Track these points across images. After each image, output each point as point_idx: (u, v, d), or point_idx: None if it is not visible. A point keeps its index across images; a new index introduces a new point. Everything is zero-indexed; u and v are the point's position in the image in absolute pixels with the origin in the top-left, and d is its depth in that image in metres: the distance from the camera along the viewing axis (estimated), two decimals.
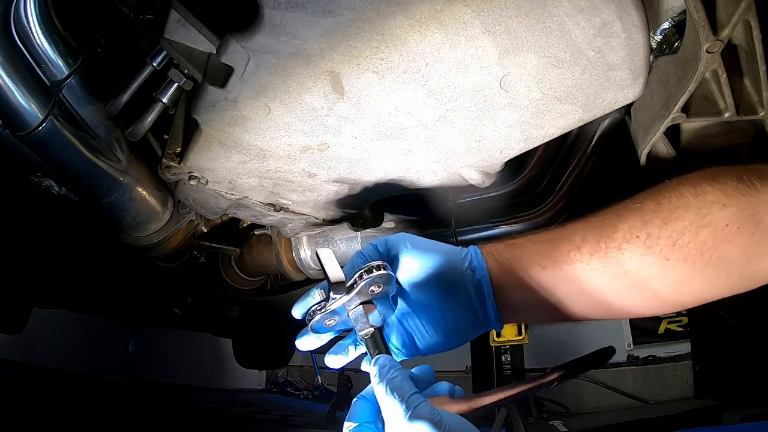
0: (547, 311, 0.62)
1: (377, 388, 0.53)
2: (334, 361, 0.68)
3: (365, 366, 0.61)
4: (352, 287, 0.60)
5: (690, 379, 2.79)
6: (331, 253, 0.64)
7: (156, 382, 3.75)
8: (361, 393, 0.59)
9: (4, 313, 1.99)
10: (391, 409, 0.50)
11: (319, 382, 4.80)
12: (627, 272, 0.56)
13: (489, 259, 0.63)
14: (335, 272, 0.62)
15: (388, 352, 0.60)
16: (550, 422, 2.78)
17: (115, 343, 3.53)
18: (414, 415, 0.48)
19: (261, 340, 3.56)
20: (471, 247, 0.65)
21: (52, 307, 2.53)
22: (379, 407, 0.53)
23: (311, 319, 0.62)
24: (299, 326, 0.66)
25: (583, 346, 3.43)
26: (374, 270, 0.59)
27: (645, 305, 0.60)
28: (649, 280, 0.56)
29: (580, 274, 0.58)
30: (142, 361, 3.66)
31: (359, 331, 0.62)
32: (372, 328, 0.62)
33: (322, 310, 0.61)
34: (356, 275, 0.60)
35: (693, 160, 0.85)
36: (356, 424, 0.55)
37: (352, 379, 3.42)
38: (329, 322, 0.63)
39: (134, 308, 2.61)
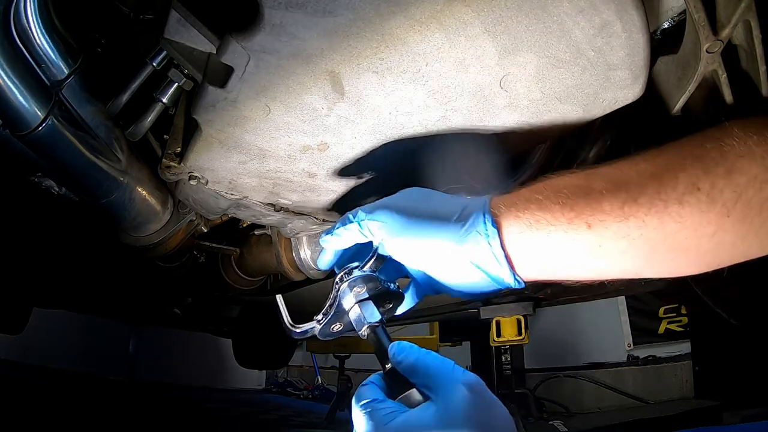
0: (576, 273, 0.53)
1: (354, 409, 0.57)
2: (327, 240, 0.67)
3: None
4: (332, 305, 0.65)
5: (690, 379, 2.79)
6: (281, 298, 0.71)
7: (156, 382, 3.75)
8: (368, 379, 0.60)
9: (4, 313, 1.99)
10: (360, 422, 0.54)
11: (319, 382, 4.80)
12: (682, 230, 0.47)
13: (508, 228, 0.52)
14: (286, 318, 0.71)
15: (389, 340, 0.61)
16: (550, 422, 2.78)
17: (115, 343, 3.53)
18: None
19: (261, 340, 3.56)
20: (477, 216, 0.53)
21: (52, 307, 2.53)
22: (386, 388, 0.57)
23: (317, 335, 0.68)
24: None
25: (584, 346, 3.44)
26: (343, 280, 0.63)
27: (685, 267, 0.52)
28: (702, 238, 0.48)
29: (630, 233, 0.48)
30: (142, 361, 3.66)
31: (359, 332, 0.64)
32: (368, 327, 0.63)
33: (320, 329, 0.67)
34: (334, 287, 0.63)
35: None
36: (367, 400, 0.56)
37: (352, 379, 3.42)
38: (336, 328, 0.67)
39: (134, 308, 2.61)
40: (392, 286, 0.66)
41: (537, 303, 2.66)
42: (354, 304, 0.64)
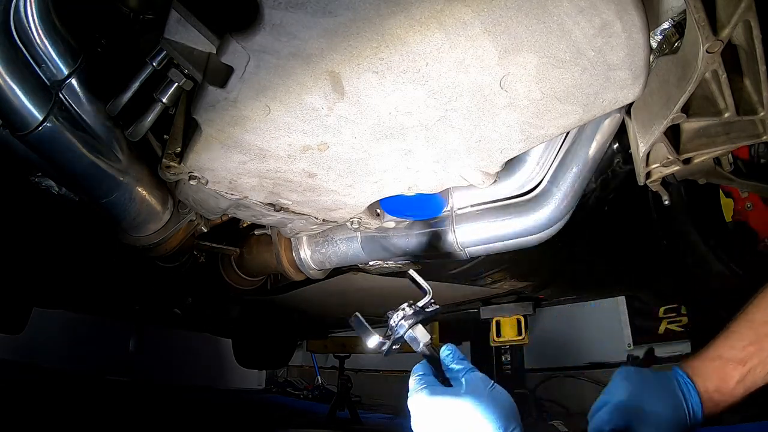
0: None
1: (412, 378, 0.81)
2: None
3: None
4: (389, 336, 0.89)
5: None
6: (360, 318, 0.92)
7: (156, 382, 3.75)
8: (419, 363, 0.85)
9: (4, 313, 1.99)
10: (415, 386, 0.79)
11: (319, 382, 4.80)
12: None
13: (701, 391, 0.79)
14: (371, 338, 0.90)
15: (437, 354, 0.85)
16: (550, 422, 2.78)
17: (115, 343, 3.53)
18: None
19: (261, 340, 3.56)
20: (691, 400, 0.78)
21: (52, 307, 2.53)
22: (433, 368, 0.83)
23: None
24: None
25: (584, 346, 3.43)
26: (397, 314, 0.88)
27: None
28: None
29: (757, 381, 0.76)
30: (143, 361, 3.65)
31: (417, 349, 0.87)
32: (423, 345, 0.86)
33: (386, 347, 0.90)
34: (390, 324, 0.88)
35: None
36: (422, 373, 0.81)
37: (351, 379, 3.42)
38: (395, 347, 0.90)
39: (134, 308, 2.61)
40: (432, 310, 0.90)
41: (537, 303, 2.66)
42: (408, 330, 0.87)
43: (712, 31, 0.69)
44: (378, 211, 1.29)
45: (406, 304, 0.90)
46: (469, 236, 1.27)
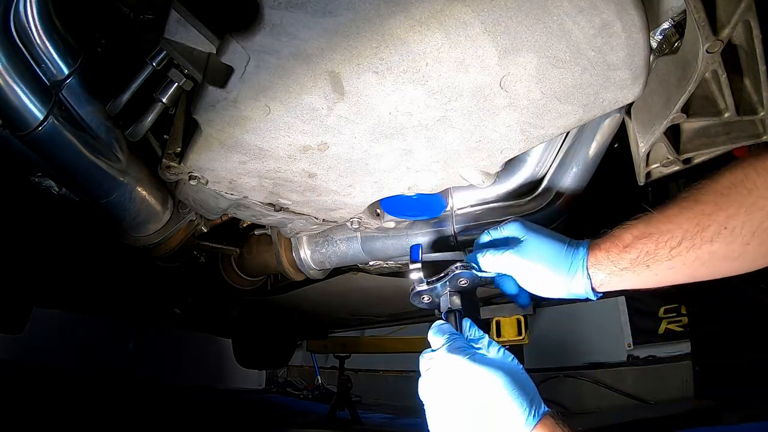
0: (637, 288, 0.78)
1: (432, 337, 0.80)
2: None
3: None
4: (440, 279, 0.88)
5: (690, 379, 2.78)
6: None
7: (156, 382, 3.75)
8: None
9: (4, 313, 1.99)
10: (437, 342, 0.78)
11: (319, 382, 4.80)
12: (713, 257, 0.70)
13: (595, 276, 0.78)
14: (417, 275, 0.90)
15: (458, 327, 0.83)
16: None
17: (115, 343, 3.53)
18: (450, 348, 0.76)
19: (261, 340, 3.56)
20: (582, 249, 0.80)
21: (52, 307, 2.53)
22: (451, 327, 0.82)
23: (413, 292, 0.91)
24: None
25: (584, 346, 3.43)
26: (459, 268, 0.86)
27: (721, 274, 0.74)
28: (728, 260, 0.70)
29: (675, 265, 0.72)
30: (143, 361, 3.65)
31: (441, 311, 0.88)
32: (450, 311, 0.86)
33: (419, 289, 0.90)
34: (448, 270, 0.87)
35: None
36: (452, 332, 0.80)
37: (352, 379, 3.41)
38: (425, 299, 0.91)
39: (135, 308, 2.61)
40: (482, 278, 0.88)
41: (537, 303, 2.66)
42: (448, 291, 0.88)
43: (712, 31, 0.69)
44: (378, 211, 1.29)
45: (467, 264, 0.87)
46: (469, 236, 1.27)
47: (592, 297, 0.80)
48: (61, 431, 2.06)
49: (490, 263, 0.84)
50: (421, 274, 0.89)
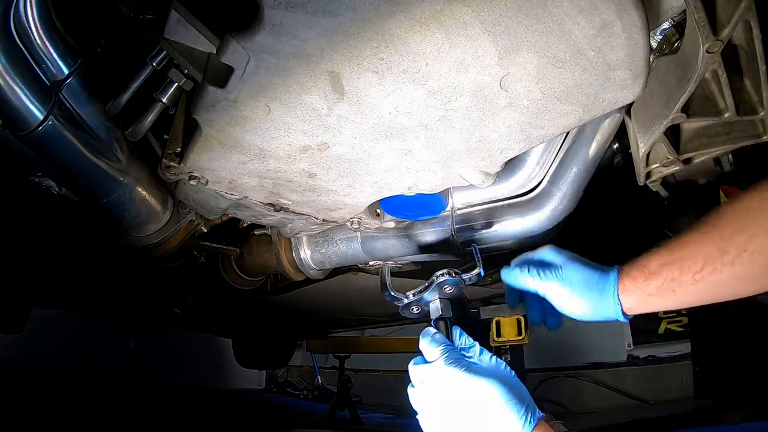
0: (666, 308, 0.82)
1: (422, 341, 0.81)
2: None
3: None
4: (425, 289, 0.88)
5: (690, 379, 2.79)
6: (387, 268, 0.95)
7: (156, 382, 3.75)
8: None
9: (4, 313, 1.99)
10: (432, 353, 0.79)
11: (319, 382, 4.80)
12: (735, 280, 0.72)
13: (625, 302, 0.81)
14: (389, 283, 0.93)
15: (449, 335, 0.82)
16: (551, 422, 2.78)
17: (115, 343, 3.53)
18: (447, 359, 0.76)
19: (261, 340, 3.56)
20: (612, 276, 0.82)
21: (52, 307, 2.53)
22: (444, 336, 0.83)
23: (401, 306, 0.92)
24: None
25: (584, 346, 3.43)
26: (443, 276, 0.87)
27: (739, 294, 0.76)
28: (749, 281, 0.72)
29: (699, 289, 0.75)
30: (143, 361, 3.65)
31: (432, 317, 0.87)
32: (441, 319, 0.85)
33: (407, 302, 0.91)
34: (432, 279, 0.87)
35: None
36: (444, 342, 0.80)
37: (351, 379, 3.42)
38: (414, 310, 0.92)
39: (135, 308, 2.61)
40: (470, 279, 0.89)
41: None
42: (437, 298, 0.88)
43: (712, 31, 0.69)
44: (378, 211, 1.29)
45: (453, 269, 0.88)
46: (469, 236, 1.27)
47: (623, 320, 0.84)
48: (61, 431, 2.06)
49: (533, 284, 0.87)
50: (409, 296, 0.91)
